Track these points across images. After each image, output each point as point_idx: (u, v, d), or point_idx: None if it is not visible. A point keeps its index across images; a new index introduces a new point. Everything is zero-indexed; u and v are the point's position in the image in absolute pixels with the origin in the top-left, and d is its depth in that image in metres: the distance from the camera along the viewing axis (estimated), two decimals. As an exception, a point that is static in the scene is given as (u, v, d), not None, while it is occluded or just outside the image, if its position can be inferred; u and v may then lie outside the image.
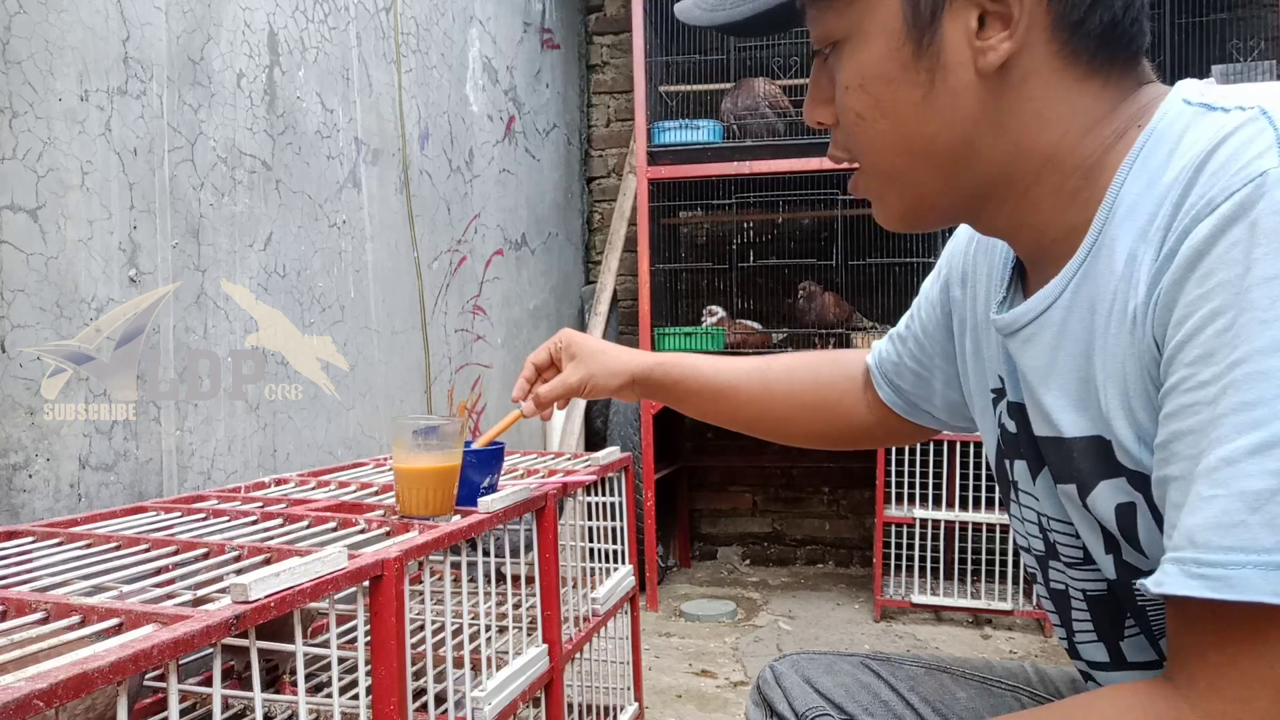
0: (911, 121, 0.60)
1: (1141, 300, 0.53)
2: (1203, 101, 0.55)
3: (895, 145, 0.61)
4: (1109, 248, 0.56)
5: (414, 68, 2.27)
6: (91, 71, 1.32)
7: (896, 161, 0.62)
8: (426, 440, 1.08)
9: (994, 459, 0.76)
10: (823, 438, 0.97)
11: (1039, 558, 0.72)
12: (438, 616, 1.33)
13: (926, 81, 0.59)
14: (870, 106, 0.61)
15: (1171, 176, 0.53)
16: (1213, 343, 0.47)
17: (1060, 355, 0.61)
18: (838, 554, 3.52)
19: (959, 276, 0.80)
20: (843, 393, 0.94)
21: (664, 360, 1.00)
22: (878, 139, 0.62)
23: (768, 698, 0.86)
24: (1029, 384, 0.65)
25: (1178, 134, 0.55)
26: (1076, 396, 0.60)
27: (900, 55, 0.59)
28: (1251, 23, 2.84)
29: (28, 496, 1.22)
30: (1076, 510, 0.64)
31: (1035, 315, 0.62)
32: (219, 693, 0.73)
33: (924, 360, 0.86)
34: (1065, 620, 0.71)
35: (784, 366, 0.97)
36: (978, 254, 0.77)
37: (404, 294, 2.22)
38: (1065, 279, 0.59)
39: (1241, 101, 0.52)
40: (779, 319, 3.21)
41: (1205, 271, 0.48)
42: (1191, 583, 0.46)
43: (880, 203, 0.66)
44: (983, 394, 0.76)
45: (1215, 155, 0.50)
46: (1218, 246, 0.47)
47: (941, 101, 0.59)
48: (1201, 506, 0.46)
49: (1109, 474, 0.58)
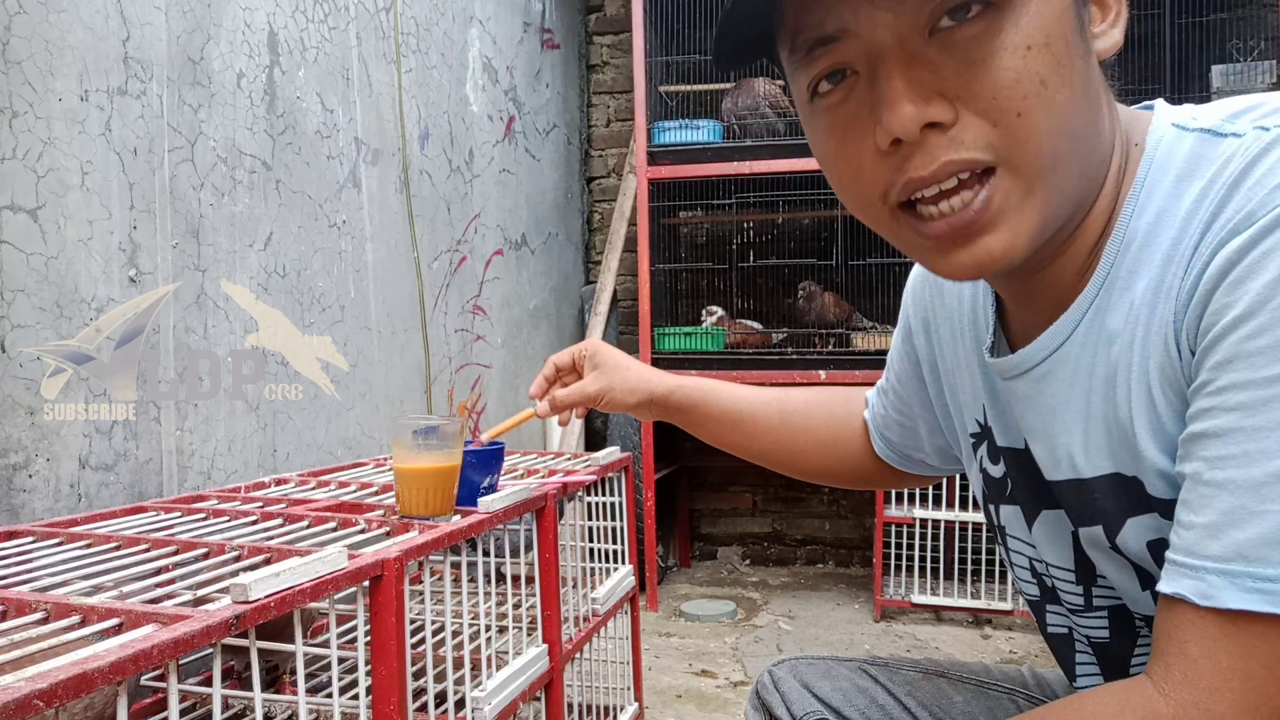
0: (1080, 95, 0.52)
1: (1175, 317, 0.52)
2: (1202, 127, 0.54)
3: (1068, 122, 0.52)
4: (1125, 280, 0.55)
5: (414, 68, 2.27)
6: (91, 71, 1.32)
7: (1061, 146, 0.52)
8: (426, 440, 1.08)
9: (980, 502, 0.76)
10: (835, 476, 0.96)
11: (1035, 602, 0.72)
12: (438, 616, 1.33)
13: (1087, 52, 0.53)
14: (1054, 70, 0.51)
15: (1191, 202, 0.52)
16: (1238, 348, 0.47)
17: (1075, 393, 0.59)
18: (838, 554, 3.52)
19: (919, 325, 0.80)
20: (853, 434, 0.94)
21: (684, 384, 0.98)
22: (1055, 113, 0.51)
23: (766, 702, 0.86)
24: (1040, 425, 0.63)
25: (1183, 162, 0.54)
26: (1096, 433, 0.58)
27: (1073, 17, 0.52)
28: (1251, 23, 2.84)
29: (28, 496, 1.22)
30: (1103, 554, 0.62)
31: (1049, 353, 0.60)
32: (219, 693, 0.73)
33: (905, 411, 0.86)
34: (1067, 663, 0.71)
35: (803, 400, 0.96)
36: (932, 300, 0.77)
37: (404, 294, 2.22)
38: (1078, 314, 0.58)
39: (1261, 121, 0.51)
40: (779, 319, 3.21)
41: (1236, 279, 0.48)
42: (1248, 597, 0.46)
43: (1015, 216, 0.53)
44: (963, 439, 0.76)
45: (1252, 172, 0.49)
46: (1250, 255, 0.47)
47: (1093, 78, 0.54)
48: (1252, 520, 0.46)
49: (1135, 510, 0.57)
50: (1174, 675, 0.48)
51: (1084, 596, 0.66)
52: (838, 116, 0.56)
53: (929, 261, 0.57)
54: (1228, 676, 0.46)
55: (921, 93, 0.51)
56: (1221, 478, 0.47)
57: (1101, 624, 0.66)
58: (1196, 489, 0.49)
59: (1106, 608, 0.66)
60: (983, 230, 0.53)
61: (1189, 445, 0.50)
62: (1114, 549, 0.60)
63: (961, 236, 0.54)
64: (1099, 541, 0.61)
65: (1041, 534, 0.68)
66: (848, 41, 0.53)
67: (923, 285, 0.80)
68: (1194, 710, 0.47)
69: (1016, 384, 0.64)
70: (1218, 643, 0.47)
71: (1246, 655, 0.46)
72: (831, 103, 0.56)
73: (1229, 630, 0.46)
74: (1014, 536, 0.71)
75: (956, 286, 0.74)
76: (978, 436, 0.73)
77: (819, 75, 0.55)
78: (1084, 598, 0.66)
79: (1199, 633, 0.47)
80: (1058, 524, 0.66)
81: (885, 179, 0.54)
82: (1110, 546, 0.60)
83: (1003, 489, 0.71)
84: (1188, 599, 0.48)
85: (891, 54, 0.52)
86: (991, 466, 0.72)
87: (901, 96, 0.51)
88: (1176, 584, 0.49)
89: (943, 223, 0.53)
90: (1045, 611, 0.71)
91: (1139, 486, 0.56)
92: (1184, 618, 0.48)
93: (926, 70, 0.51)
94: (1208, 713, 0.47)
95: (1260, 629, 0.46)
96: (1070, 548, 0.66)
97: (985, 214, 0.52)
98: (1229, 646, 0.46)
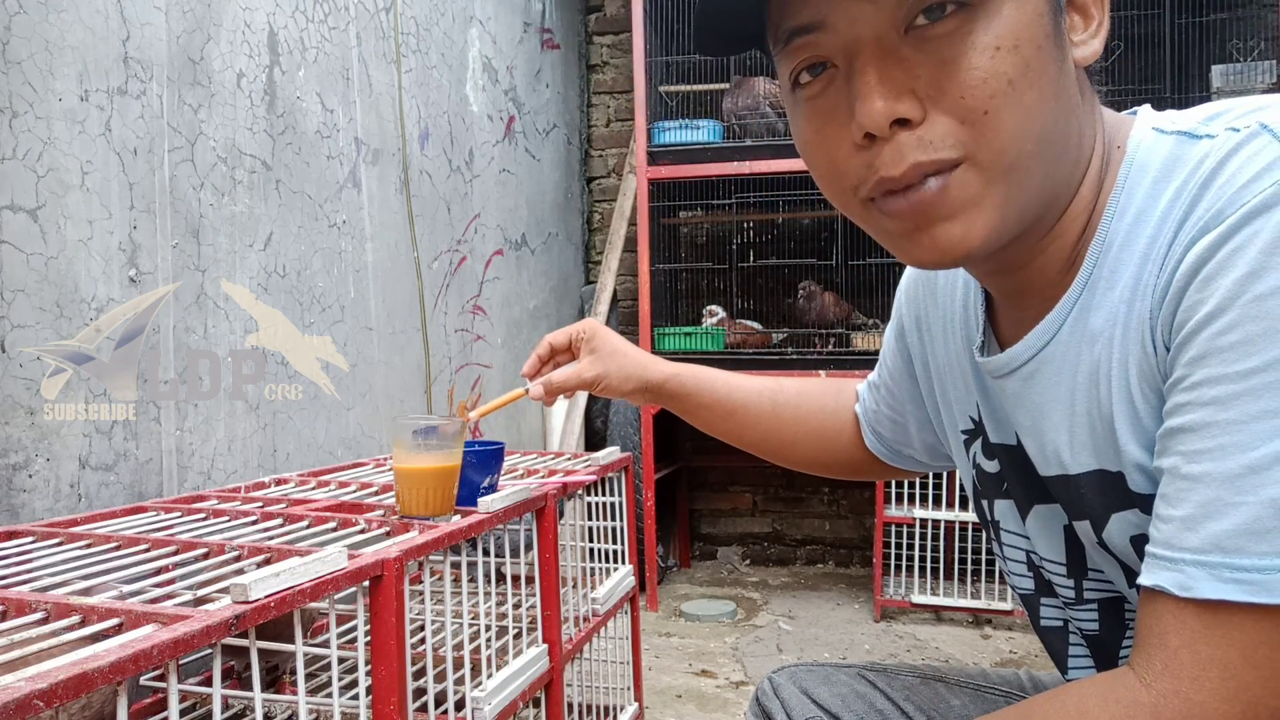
0: (1050, 98, 0.53)
1: (1151, 314, 0.53)
2: (1180, 130, 0.55)
3: (1034, 123, 0.53)
4: (1108, 280, 0.57)
5: (414, 68, 2.27)
6: (91, 71, 1.32)
7: (1027, 146, 0.53)
8: (426, 440, 1.08)
9: (971, 499, 0.78)
10: (824, 466, 0.98)
11: (1028, 595, 0.73)
12: (438, 616, 1.33)
13: (1061, 58, 0.54)
14: (1023, 72, 0.52)
15: (1166, 202, 0.53)
16: (1210, 343, 0.48)
17: (1061, 391, 0.60)
18: (838, 554, 3.52)
19: (912, 323, 0.81)
20: (843, 425, 0.96)
21: (679, 372, 0.99)
22: (1021, 114, 0.52)
23: (766, 709, 0.87)
24: (1029, 423, 0.64)
25: (1160, 164, 0.55)
26: (1080, 430, 0.60)
27: (1046, 23, 0.53)
28: (1251, 23, 2.84)
29: (28, 496, 1.22)
30: (1094, 548, 0.63)
31: (1035, 352, 0.61)
32: (219, 693, 0.73)
33: (896, 407, 0.88)
34: (1060, 656, 0.72)
35: (795, 391, 0.97)
36: (925, 298, 0.79)
37: (404, 294, 2.22)
38: (1062, 314, 0.59)
39: (1233, 123, 0.52)
40: (779, 319, 3.21)
41: (1207, 276, 0.49)
42: (1226, 587, 0.46)
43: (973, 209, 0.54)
44: (954, 436, 0.77)
45: (1222, 171, 0.50)
46: (1220, 252, 0.48)
47: (1067, 83, 0.55)
48: (1228, 512, 0.47)
49: (1119, 506, 0.58)
50: (1155, 665, 0.49)
51: (1074, 589, 0.67)
52: (817, 107, 0.57)
53: (896, 248, 0.59)
54: (1207, 666, 0.47)
55: (893, 89, 0.53)
56: (1198, 471, 0.48)
57: (1091, 616, 0.67)
58: (1174, 483, 0.50)
59: (1096, 600, 0.67)
60: (941, 217, 0.55)
61: (1166, 440, 0.51)
62: (1101, 544, 0.62)
63: (921, 219, 0.55)
64: (1089, 536, 0.63)
65: (1035, 527, 0.69)
66: (826, 34, 0.54)
67: (916, 283, 0.81)
68: (1174, 699, 0.48)
69: (1006, 382, 0.65)
70: (1197, 633, 0.48)
71: (1225, 645, 0.47)
72: (812, 93, 0.57)
73: (1207, 620, 0.47)
74: (1008, 530, 0.72)
75: (949, 285, 0.75)
76: (971, 433, 0.74)
77: (800, 66, 0.57)
78: (1074, 590, 0.67)
79: (1179, 623, 0.48)
80: (1050, 518, 0.67)
81: (858, 173, 0.56)
82: (1098, 541, 0.62)
83: (998, 484, 0.72)
84: (1167, 590, 0.49)
85: (867, 49, 0.53)
86: (986, 462, 0.73)
87: (874, 91, 0.53)
88: (1156, 576, 0.50)
89: (904, 199, 0.55)
90: (1040, 605, 0.72)
91: (1121, 482, 0.58)
92: (1164, 609, 0.49)
93: (899, 67, 0.53)
94: (1188, 701, 0.47)
95: (1238, 619, 0.47)
96: (1062, 542, 0.67)
97: (943, 199, 0.54)
98: (1208, 636, 0.47)
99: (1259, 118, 0.51)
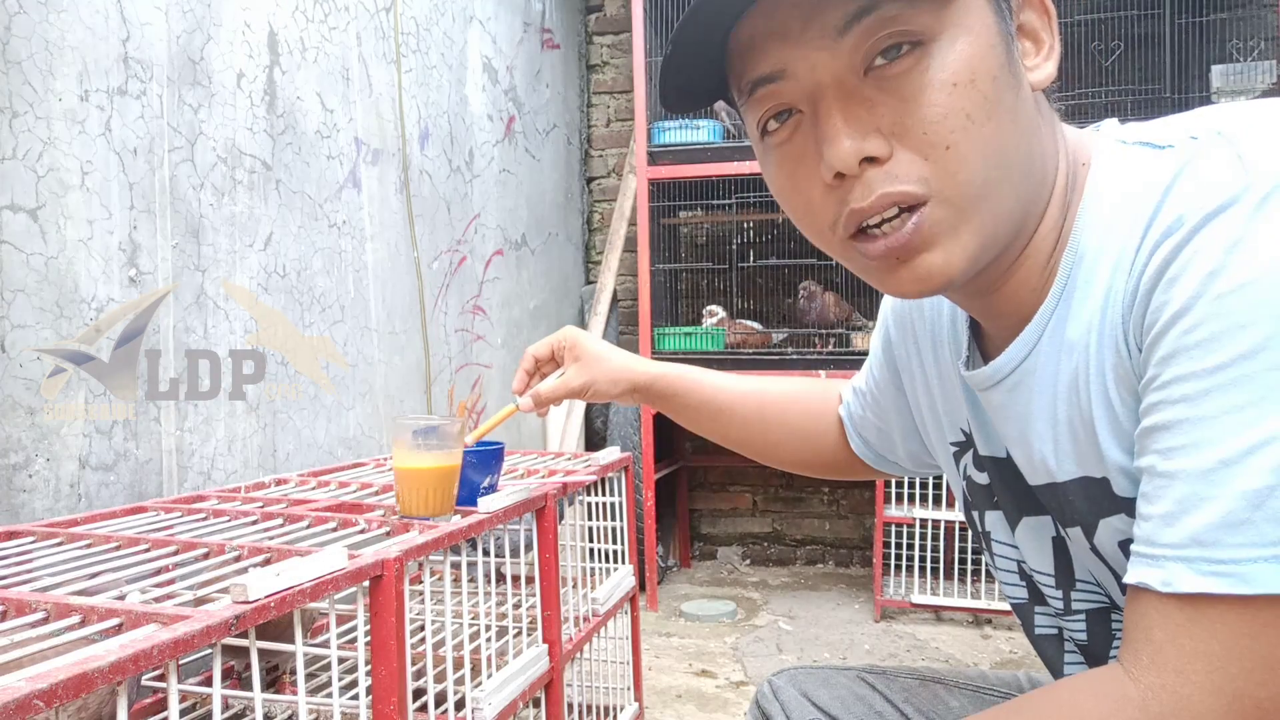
0: (1009, 126, 0.55)
1: (1123, 319, 0.55)
2: (1142, 140, 0.57)
3: (996, 153, 0.55)
4: (1082, 291, 0.58)
5: (414, 68, 2.27)
6: (91, 71, 1.32)
7: (992, 174, 0.55)
8: (426, 440, 1.08)
9: (963, 510, 0.78)
10: (811, 467, 0.99)
11: (1022, 605, 0.74)
12: (438, 616, 1.33)
13: (1017, 85, 0.56)
14: (980, 105, 0.54)
15: (1132, 211, 0.54)
16: (1178, 342, 0.49)
17: (1044, 401, 0.62)
18: (838, 554, 3.52)
19: (900, 336, 0.82)
20: (827, 428, 0.96)
21: (666, 373, 1.00)
22: (981, 145, 0.54)
23: (766, 712, 0.88)
24: (1016, 434, 0.65)
25: (1125, 175, 0.56)
26: (1064, 438, 0.61)
27: (999, 53, 0.55)
28: (1251, 23, 2.84)
29: (28, 496, 1.22)
30: (1087, 555, 0.64)
31: (1016, 364, 0.63)
32: (219, 693, 0.73)
33: (882, 416, 0.88)
34: (1055, 664, 0.72)
35: (780, 392, 0.98)
36: (912, 311, 0.79)
37: (404, 294, 2.22)
38: (1040, 325, 0.61)
39: (1193, 131, 0.54)
40: (779, 319, 3.21)
41: (1171, 277, 0.50)
42: (1205, 580, 0.47)
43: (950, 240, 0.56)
44: (944, 448, 0.78)
45: (1181, 177, 0.52)
46: (1183, 253, 0.49)
47: (1025, 108, 0.57)
48: (1203, 507, 0.48)
49: (1106, 511, 0.59)
50: (1142, 660, 0.50)
51: (1063, 600, 0.68)
52: (786, 152, 0.59)
53: (877, 282, 0.61)
54: (1191, 659, 0.48)
55: (859, 129, 0.55)
56: (1174, 468, 0.49)
57: (1080, 626, 0.68)
58: (1152, 481, 0.51)
59: (1084, 611, 0.68)
60: (920, 249, 0.56)
61: (1143, 440, 0.52)
62: (1094, 551, 0.62)
63: (902, 254, 0.57)
64: (1082, 542, 0.63)
65: (1024, 538, 0.70)
66: (788, 82, 0.56)
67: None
68: (1161, 693, 0.49)
69: (991, 394, 0.66)
70: (1180, 627, 0.48)
71: (1208, 637, 0.48)
72: (780, 139, 0.59)
73: (1190, 614, 0.48)
74: (999, 541, 0.73)
75: (935, 300, 0.75)
76: (961, 445, 0.75)
77: (766, 115, 0.59)
78: (1063, 601, 0.68)
79: (1163, 618, 0.49)
80: (1039, 529, 0.68)
81: (832, 210, 0.58)
82: (1090, 548, 0.63)
83: (988, 496, 0.73)
84: (1150, 587, 0.50)
85: (830, 93, 0.55)
86: (977, 474, 0.74)
87: (840, 133, 0.55)
88: (1140, 573, 0.51)
89: (881, 242, 0.57)
90: (1034, 613, 0.73)
91: (1107, 487, 0.59)
92: (1148, 605, 0.50)
93: (863, 107, 0.55)
94: (1174, 694, 0.48)
95: (1218, 611, 0.47)
96: (1050, 553, 0.68)
97: (918, 235, 0.56)
98: (1191, 630, 0.48)
99: (1215, 125, 0.53)
